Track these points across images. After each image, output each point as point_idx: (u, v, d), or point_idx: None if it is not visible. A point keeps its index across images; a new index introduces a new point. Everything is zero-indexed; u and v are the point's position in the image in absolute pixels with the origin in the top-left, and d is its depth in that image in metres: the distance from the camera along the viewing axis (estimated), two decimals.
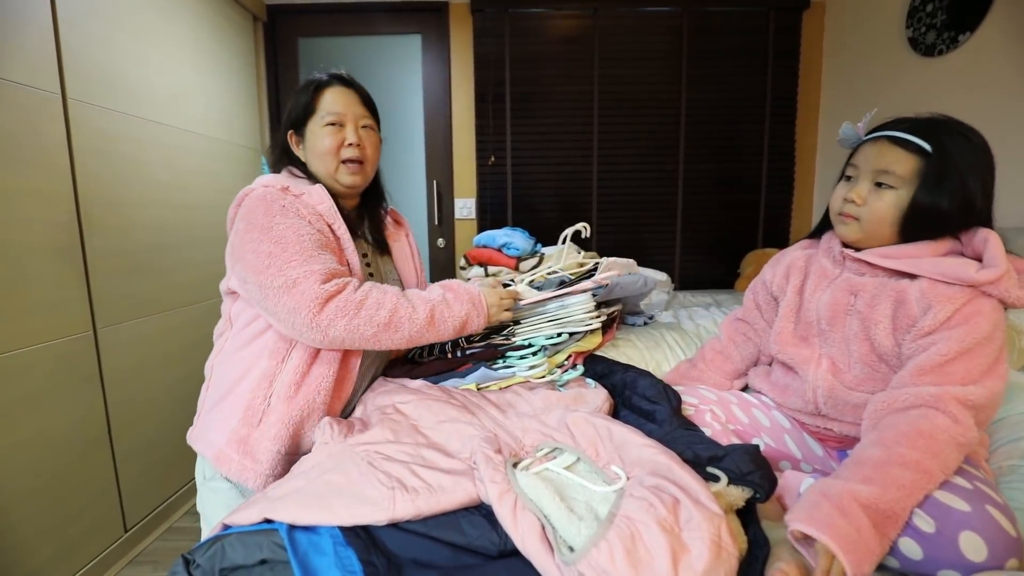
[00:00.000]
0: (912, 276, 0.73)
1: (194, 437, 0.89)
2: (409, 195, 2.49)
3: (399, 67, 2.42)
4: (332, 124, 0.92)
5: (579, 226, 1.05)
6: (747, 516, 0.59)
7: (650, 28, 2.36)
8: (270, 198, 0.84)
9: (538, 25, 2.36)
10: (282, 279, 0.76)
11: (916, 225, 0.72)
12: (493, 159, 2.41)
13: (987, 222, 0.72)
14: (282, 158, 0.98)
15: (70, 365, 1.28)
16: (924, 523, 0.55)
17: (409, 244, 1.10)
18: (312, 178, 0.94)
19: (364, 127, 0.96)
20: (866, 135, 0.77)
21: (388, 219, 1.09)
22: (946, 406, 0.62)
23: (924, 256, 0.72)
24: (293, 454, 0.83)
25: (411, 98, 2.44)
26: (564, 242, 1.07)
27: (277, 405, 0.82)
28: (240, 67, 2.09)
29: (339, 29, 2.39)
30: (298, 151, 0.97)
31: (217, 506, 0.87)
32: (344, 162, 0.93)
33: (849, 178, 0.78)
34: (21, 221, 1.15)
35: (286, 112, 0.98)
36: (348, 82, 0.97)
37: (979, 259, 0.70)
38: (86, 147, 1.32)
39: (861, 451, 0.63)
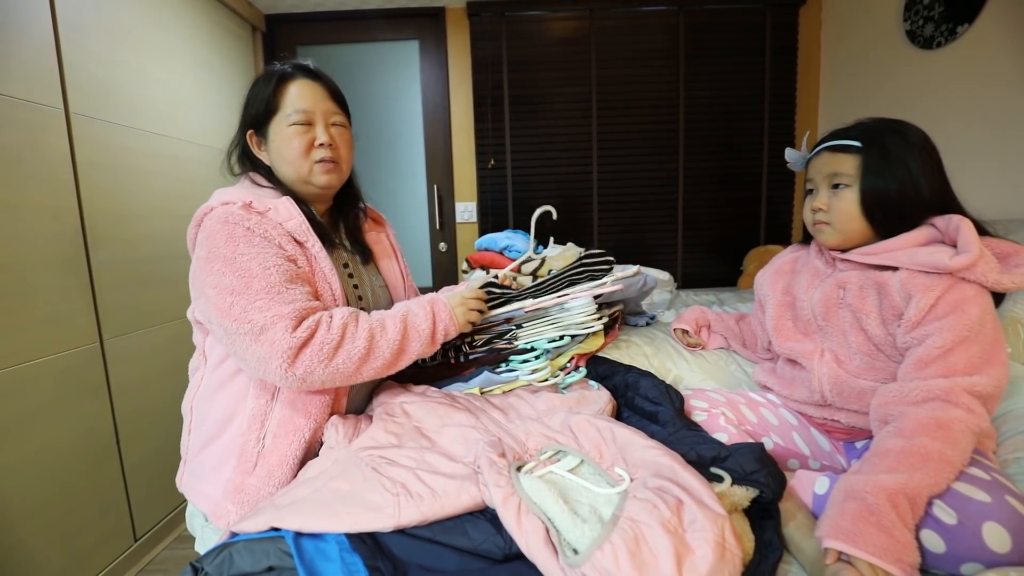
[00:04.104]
0: (894, 268, 0.75)
1: (184, 485, 0.83)
2: (410, 199, 2.49)
3: (398, 73, 2.43)
4: (299, 124, 0.82)
5: (546, 208, 1.08)
6: (766, 519, 0.59)
7: (647, 27, 2.36)
8: (232, 220, 0.74)
9: (535, 28, 2.36)
10: (247, 325, 0.68)
11: (879, 213, 0.76)
12: (493, 162, 2.41)
13: (951, 207, 0.74)
14: (243, 162, 0.88)
15: (77, 377, 1.29)
16: (945, 515, 0.54)
17: (391, 244, 1.03)
18: (279, 186, 0.86)
19: (335, 124, 0.86)
20: (810, 152, 0.85)
21: (367, 220, 1.02)
22: (958, 398, 0.63)
23: (903, 248, 0.74)
24: None
25: (410, 103, 2.44)
26: (532, 226, 1.10)
27: (275, 446, 0.75)
28: (240, 77, 2.10)
29: (337, 37, 2.40)
30: (260, 154, 0.87)
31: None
32: (317, 162, 0.84)
33: (811, 191, 0.84)
34: (27, 235, 1.17)
35: (243, 108, 0.86)
36: (315, 74, 0.86)
37: (956, 246, 0.71)
38: (89, 161, 1.34)
39: (880, 443, 0.63)
